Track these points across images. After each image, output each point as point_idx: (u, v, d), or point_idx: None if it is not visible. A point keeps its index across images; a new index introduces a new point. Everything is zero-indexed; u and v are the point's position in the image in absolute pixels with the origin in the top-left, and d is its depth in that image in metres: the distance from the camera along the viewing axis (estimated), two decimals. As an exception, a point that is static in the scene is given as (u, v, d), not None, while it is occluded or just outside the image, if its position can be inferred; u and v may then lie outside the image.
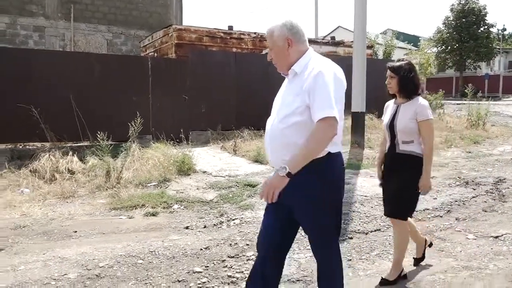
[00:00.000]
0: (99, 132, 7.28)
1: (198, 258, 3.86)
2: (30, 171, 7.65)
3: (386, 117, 3.32)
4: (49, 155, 7.90)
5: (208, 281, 3.41)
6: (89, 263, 3.75)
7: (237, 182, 6.62)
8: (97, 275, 3.52)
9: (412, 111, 3.12)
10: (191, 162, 7.42)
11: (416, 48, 29.52)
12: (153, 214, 5.44)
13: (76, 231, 4.80)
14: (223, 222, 5.06)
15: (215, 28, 11.61)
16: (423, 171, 3.09)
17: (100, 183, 6.88)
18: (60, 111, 8.74)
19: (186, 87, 10.41)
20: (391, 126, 3.21)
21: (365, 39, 8.86)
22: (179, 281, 3.43)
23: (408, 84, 3.15)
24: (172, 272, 3.58)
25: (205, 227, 4.93)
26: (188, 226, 4.94)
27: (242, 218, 5.14)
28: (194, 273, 3.56)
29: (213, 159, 8.42)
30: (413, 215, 5.11)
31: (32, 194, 6.51)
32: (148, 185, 6.81)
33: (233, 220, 5.10)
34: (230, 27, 12.13)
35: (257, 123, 10.68)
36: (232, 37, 11.65)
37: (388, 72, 3.23)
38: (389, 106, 3.37)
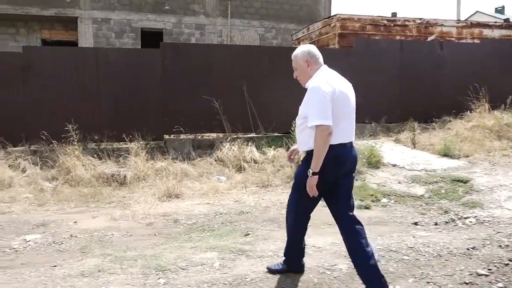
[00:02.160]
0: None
1: (470, 258, 3.46)
2: (215, 160, 8.01)
3: None
4: (230, 145, 8.19)
5: (505, 287, 2.99)
6: (351, 255, 3.58)
7: (441, 177, 6.07)
8: (369, 269, 3.32)
9: None
10: (378, 154, 7.05)
11: None
12: (366, 207, 5.19)
13: (301, 220, 4.74)
14: (454, 219, 4.60)
15: (378, 16, 11.05)
16: None
17: (290, 173, 6.88)
18: (235, 103, 9.00)
19: (349, 77, 10.02)
20: None
21: None
22: (466, 283, 3.07)
23: None
24: (451, 273, 3.24)
25: (436, 224, 4.52)
26: (416, 222, 4.59)
27: (476, 216, 4.62)
28: (479, 275, 3.17)
29: (393, 152, 7.93)
30: None
31: (229, 181, 6.75)
32: (340, 177, 6.61)
33: (466, 218, 4.60)
34: (394, 14, 11.48)
35: (424, 115, 9.95)
36: (395, 25, 10.98)
37: None
38: None
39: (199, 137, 9.40)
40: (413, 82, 10.23)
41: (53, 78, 8.24)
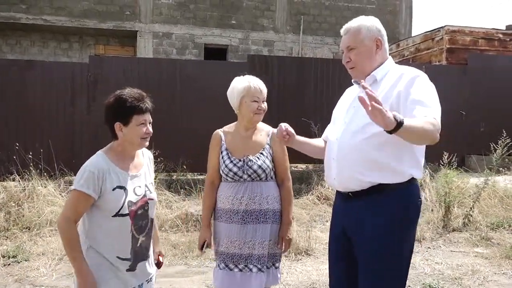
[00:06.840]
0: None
1: None
2: (318, 197, 6.44)
3: None
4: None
5: None
6: None
7: None
8: None
9: None
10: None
11: None
12: None
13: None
14: None
15: (493, 29, 9.43)
16: None
17: (434, 219, 5.18)
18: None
19: (462, 100, 8.38)
20: None
21: None
22: None
23: None
24: None
25: None
26: None
27: None
28: None
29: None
30: None
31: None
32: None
33: None
34: (509, 27, 9.83)
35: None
36: (512, 39, 9.35)
37: None
38: None
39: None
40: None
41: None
